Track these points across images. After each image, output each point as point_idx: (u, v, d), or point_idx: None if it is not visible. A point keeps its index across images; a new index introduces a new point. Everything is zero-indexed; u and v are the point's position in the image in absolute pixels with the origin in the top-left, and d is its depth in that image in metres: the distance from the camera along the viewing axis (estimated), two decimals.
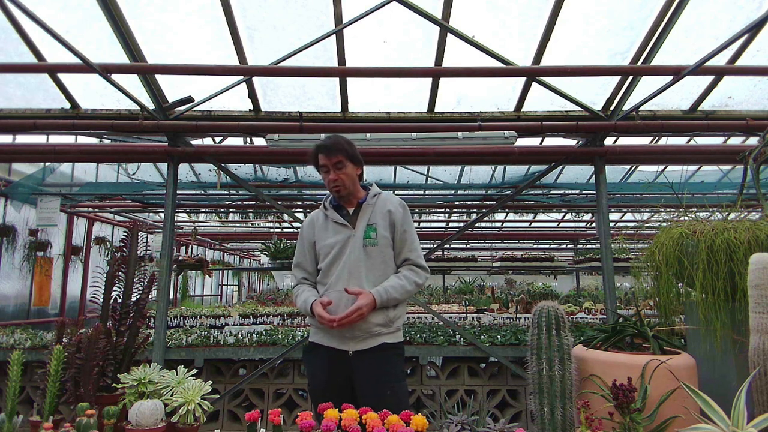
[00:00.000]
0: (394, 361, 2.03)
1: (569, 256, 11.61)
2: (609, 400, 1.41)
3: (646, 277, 2.01)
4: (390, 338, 2.02)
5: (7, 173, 6.09)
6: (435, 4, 3.25)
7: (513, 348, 4.23)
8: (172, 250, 4.01)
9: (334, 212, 2.13)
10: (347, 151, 2.08)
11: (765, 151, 2.04)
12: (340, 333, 1.97)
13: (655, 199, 6.46)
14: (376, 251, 2.05)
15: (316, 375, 2.06)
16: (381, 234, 2.06)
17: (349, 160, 2.08)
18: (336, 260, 2.06)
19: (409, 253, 2.11)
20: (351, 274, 2.01)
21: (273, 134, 3.82)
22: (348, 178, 2.08)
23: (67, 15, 3.30)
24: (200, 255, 11.59)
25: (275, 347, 4.25)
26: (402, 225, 2.10)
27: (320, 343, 2.04)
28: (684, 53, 3.52)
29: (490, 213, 5.93)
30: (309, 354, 2.12)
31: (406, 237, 2.10)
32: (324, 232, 2.13)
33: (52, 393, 1.53)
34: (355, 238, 2.05)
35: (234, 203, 7.06)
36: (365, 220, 2.08)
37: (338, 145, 2.07)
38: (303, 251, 2.19)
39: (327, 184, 2.10)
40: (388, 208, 2.10)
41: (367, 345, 1.97)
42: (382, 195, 2.17)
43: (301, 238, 2.21)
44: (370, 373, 1.95)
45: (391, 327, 2.02)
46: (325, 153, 2.07)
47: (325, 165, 2.08)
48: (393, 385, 1.97)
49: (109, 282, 1.79)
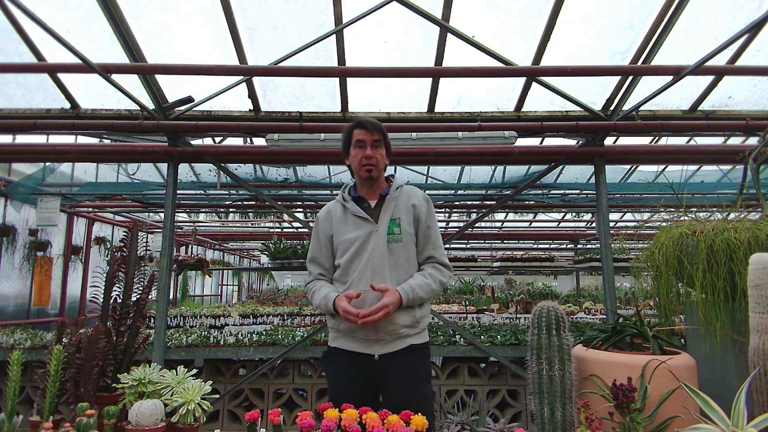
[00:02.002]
0: (422, 363, 1.94)
1: (569, 256, 11.61)
2: (609, 400, 1.41)
3: (646, 277, 2.01)
4: (417, 339, 1.92)
5: (7, 173, 6.09)
6: (435, 4, 3.25)
7: (513, 348, 4.22)
8: (172, 250, 4.01)
9: (354, 204, 1.99)
10: (386, 135, 2.00)
11: (765, 151, 2.04)
12: (364, 336, 1.87)
13: (655, 199, 6.46)
14: (400, 248, 1.93)
15: (338, 381, 1.95)
16: (405, 230, 1.94)
17: (385, 145, 2.00)
18: (357, 257, 1.92)
19: (433, 250, 1.99)
20: (375, 272, 1.88)
21: (273, 134, 3.82)
22: (382, 160, 1.98)
23: (67, 15, 3.30)
24: (200, 255, 11.59)
25: (275, 347, 4.25)
26: (426, 220, 1.99)
27: (342, 347, 1.93)
28: (684, 53, 3.52)
29: (490, 213, 5.92)
30: (330, 359, 1.99)
31: (430, 233, 1.99)
32: (343, 225, 1.99)
33: (52, 393, 1.53)
34: (378, 233, 1.92)
35: (234, 203, 7.06)
36: (388, 214, 1.96)
37: (379, 125, 1.98)
38: (319, 245, 2.05)
39: (358, 162, 1.96)
40: (412, 202, 1.99)
41: (394, 348, 1.87)
42: (405, 188, 2.06)
43: (317, 231, 2.06)
44: (398, 377, 1.85)
45: (417, 327, 1.92)
46: (365, 128, 1.96)
47: (362, 140, 1.95)
48: (422, 388, 1.89)
49: (109, 282, 1.79)
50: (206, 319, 6.39)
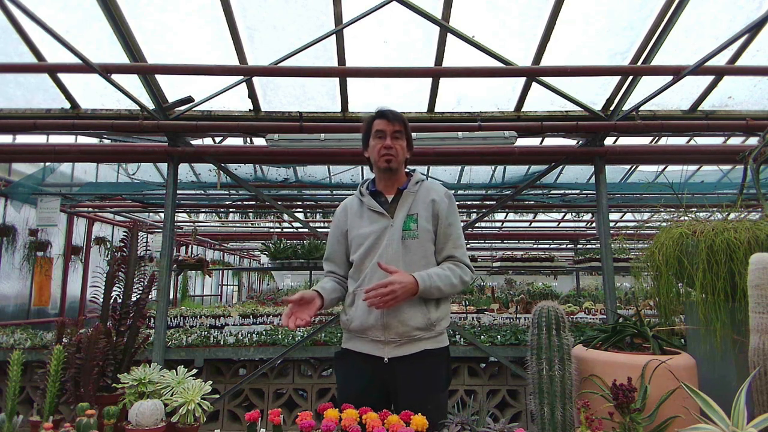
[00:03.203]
0: (437, 369, 1.80)
1: (569, 256, 11.61)
2: (609, 400, 1.41)
3: (646, 277, 2.01)
4: (432, 344, 1.78)
5: (7, 173, 6.09)
6: (435, 4, 3.25)
7: (513, 348, 4.23)
8: (172, 250, 4.01)
9: (370, 199, 1.90)
10: (407, 127, 1.91)
11: (765, 151, 2.04)
12: (374, 337, 1.78)
13: (655, 199, 6.46)
14: (416, 245, 1.82)
15: (346, 383, 1.88)
16: (422, 226, 1.83)
17: (406, 137, 1.92)
18: (370, 253, 1.83)
19: (454, 249, 1.86)
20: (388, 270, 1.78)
21: (273, 134, 3.82)
22: (401, 151, 1.89)
23: (67, 15, 3.30)
24: (200, 255, 11.59)
25: (275, 347, 4.25)
26: (447, 217, 1.87)
27: (353, 349, 1.85)
28: (684, 53, 3.52)
29: (490, 213, 5.92)
30: (340, 360, 1.92)
31: (450, 231, 1.87)
32: (358, 220, 1.90)
33: (52, 393, 1.53)
34: (393, 228, 1.82)
35: (234, 203, 7.06)
36: (405, 209, 1.86)
37: (401, 116, 1.90)
38: (334, 242, 1.97)
39: (377, 152, 1.87)
40: (432, 198, 1.88)
41: (405, 351, 1.75)
42: (425, 183, 1.96)
43: (334, 227, 1.99)
44: (409, 383, 1.74)
45: (432, 331, 1.78)
46: (386, 118, 1.86)
47: (382, 130, 1.86)
48: (436, 395, 1.77)
49: (109, 282, 1.79)
50: (206, 319, 6.39)
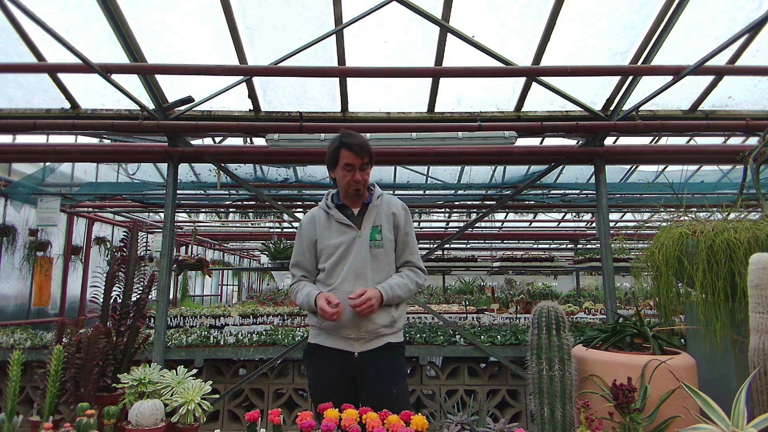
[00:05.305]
0: (399, 360, 2.09)
1: (569, 256, 11.61)
2: (609, 400, 1.41)
3: (646, 277, 2.01)
4: (394, 338, 2.06)
5: (7, 173, 6.10)
6: (435, 4, 3.25)
7: (513, 348, 4.22)
8: (172, 250, 4.01)
9: (338, 212, 2.11)
10: (372, 154, 2.07)
11: (765, 151, 2.04)
12: (346, 335, 2.00)
13: (655, 199, 6.46)
14: (381, 253, 2.07)
15: (319, 377, 2.06)
16: (386, 236, 2.09)
17: (371, 163, 2.09)
18: (341, 261, 2.06)
19: (411, 255, 2.15)
20: (358, 275, 2.02)
21: (273, 134, 3.82)
22: (368, 178, 2.10)
23: (67, 15, 3.30)
24: (200, 255, 11.58)
25: (275, 347, 4.25)
26: (405, 227, 2.14)
27: (323, 344, 2.05)
28: (684, 53, 3.52)
29: (490, 213, 5.92)
30: (311, 356, 2.11)
31: (408, 240, 2.15)
32: (327, 231, 2.11)
33: (52, 393, 1.53)
34: (361, 239, 2.06)
35: (234, 203, 7.06)
36: (371, 221, 2.10)
37: (367, 146, 2.05)
38: (302, 250, 2.17)
39: (346, 183, 2.06)
40: (392, 211, 2.13)
41: (373, 345, 2.01)
42: (384, 196, 2.18)
43: (300, 236, 2.18)
44: (377, 372, 1.98)
45: (394, 327, 2.06)
46: (355, 152, 2.01)
47: (352, 164, 2.03)
48: (399, 383, 2.03)
49: (109, 282, 1.79)
50: (206, 319, 6.39)
